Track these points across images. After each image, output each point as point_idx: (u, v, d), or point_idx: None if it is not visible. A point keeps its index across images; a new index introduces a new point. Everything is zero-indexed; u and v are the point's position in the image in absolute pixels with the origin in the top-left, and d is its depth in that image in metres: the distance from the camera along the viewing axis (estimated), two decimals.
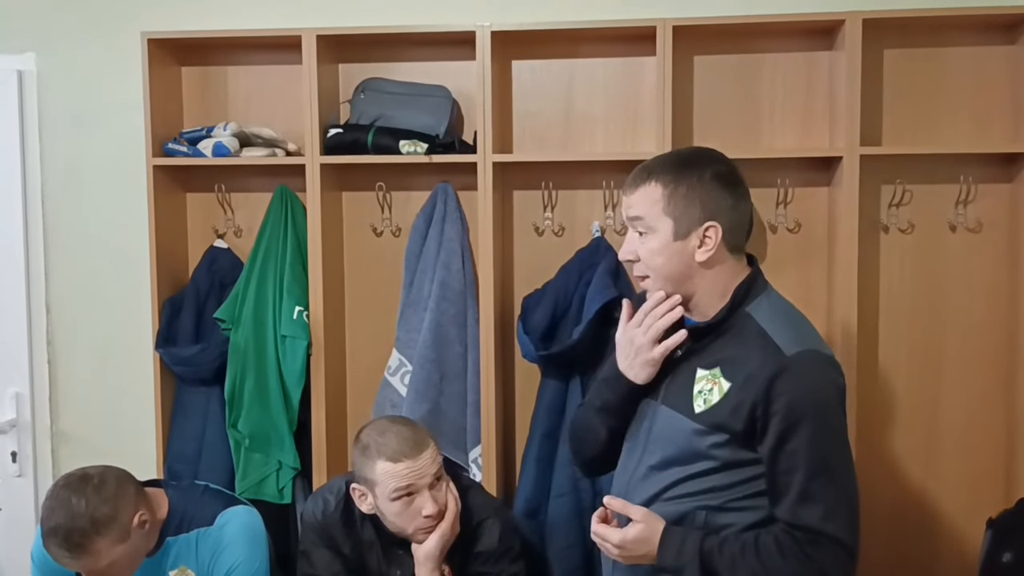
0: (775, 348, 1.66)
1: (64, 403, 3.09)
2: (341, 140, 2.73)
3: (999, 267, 2.72)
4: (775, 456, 1.64)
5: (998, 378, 2.74)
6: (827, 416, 1.65)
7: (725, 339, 1.73)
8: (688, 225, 1.71)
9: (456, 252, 2.78)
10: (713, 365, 1.71)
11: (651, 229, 1.73)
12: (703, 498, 1.70)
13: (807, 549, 1.62)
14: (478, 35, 2.64)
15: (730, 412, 1.66)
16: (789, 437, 1.62)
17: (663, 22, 2.57)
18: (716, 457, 1.68)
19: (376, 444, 2.13)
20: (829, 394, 1.67)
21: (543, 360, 2.65)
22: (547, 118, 2.84)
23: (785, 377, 1.62)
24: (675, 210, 1.71)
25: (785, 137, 2.76)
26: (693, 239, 1.71)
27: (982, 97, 2.70)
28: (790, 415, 1.61)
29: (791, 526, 1.63)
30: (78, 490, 2.01)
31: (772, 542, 1.64)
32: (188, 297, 2.86)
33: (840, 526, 1.62)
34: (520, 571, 2.24)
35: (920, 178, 2.70)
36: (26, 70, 3.01)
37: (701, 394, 1.71)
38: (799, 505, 1.62)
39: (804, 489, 1.62)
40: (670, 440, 1.74)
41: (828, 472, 1.63)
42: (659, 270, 1.74)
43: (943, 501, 2.79)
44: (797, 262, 2.76)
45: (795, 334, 1.69)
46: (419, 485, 2.11)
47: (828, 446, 1.64)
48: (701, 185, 1.71)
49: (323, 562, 2.23)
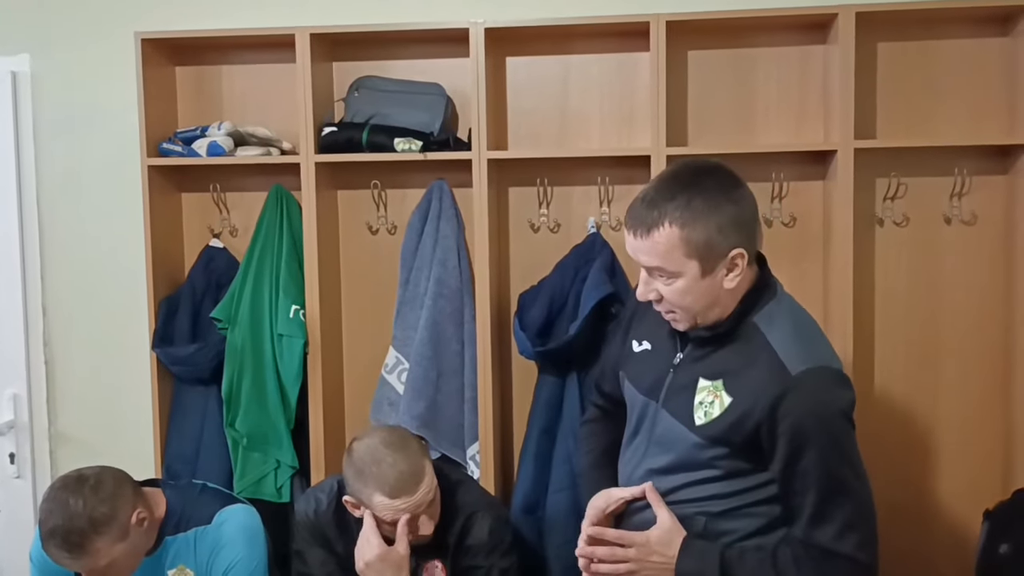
0: (780, 367, 1.61)
1: (62, 404, 3.09)
2: (336, 138, 2.73)
3: (994, 259, 2.73)
4: (786, 477, 1.62)
5: (995, 370, 2.75)
6: (835, 434, 1.62)
7: (729, 349, 1.68)
8: (715, 260, 1.62)
9: (452, 249, 2.78)
10: (716, 376, 1.67)
11: (675, 275, 1.63)
12: (704, 504, 1.70)
13: (823, 567, 1.61)
14: (472, 32, 2.64)
15: (730, 427, 1.63)
16: (799, 457, 1.60)
17: (656, 17, 2.57)
18: (718, 467, 1.67)
19: (373, 475, 2.08)
20: (836, 412, 1.62)
21: (540, 356, 2.65)
22: (542, 115, 2.84)
23: (790, 398, 1.59)
24: (698, 250, 1.60)
25: (779, 131, 2.76)
26: (721, 270, 1.64)
27: (976, 89, 2.70)
28: (796, 436, 1.59)
29: (807, 545, 1.62)
30: (75, 491, 2.02)
31: (790, 557, 1.63)
32: (184, 297, 2.86)
33: (855, 544, 1.61)
34: (511, 565, 2.23)
35: (915, 171, 2.70)
36: (20, 71, 3.01)
37: (702, 405, 1.67)
38: (812, 526, 1.61)
39: (817, 510, 1.60)
40: (671, 447, 1.72)
41: (840, 490, 1.61)
42: (689, 308, 1.67)
43: (940, 493, 2.79)
44: (793, 256, 2.76)
45: (802, 350, 1.64)
46: (416, 513, 2.10)
47: (839, 464, 1.61)
48: (717, 210, 1.60)
49: (317, 561, 2.24)
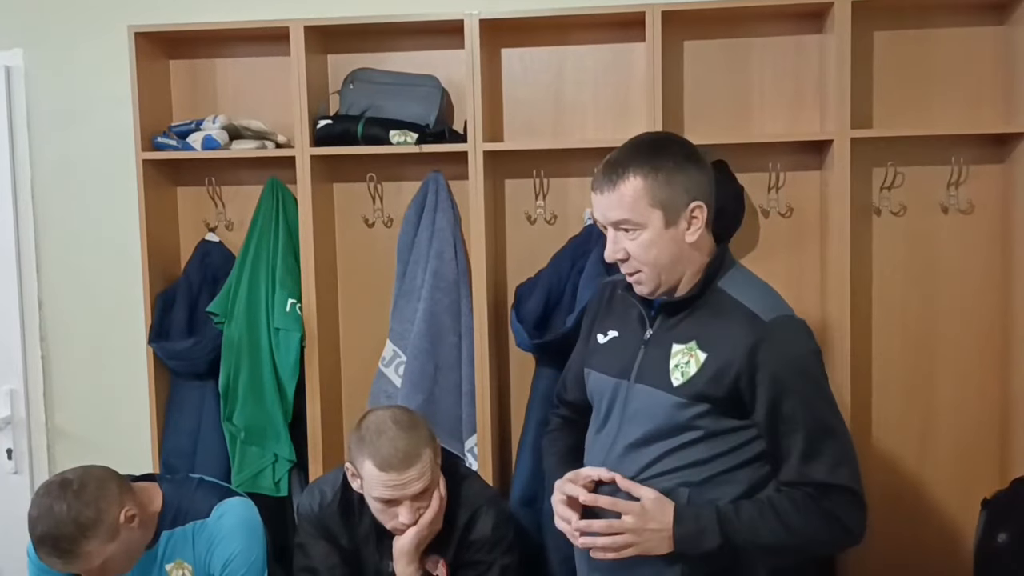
0: (752, 316, 1.69)
1: (58, 399, 3.09)
2: (331, 131, 2.73)
3: (991, 248, 2.72)
4: (772, 423, 1.67)
5: (992, 359, 2.75)
6: (815, 377, 1.70)
7: (698, 315, 1.75)
8: (677, 210, 1.71)
9: (448, 242, 2.78)
10: (688, 339, 1.73)
11: (640, 225, 1.71)
12: (686, 473, 1.71)
13: (821, 502, 1.65)
14: (467, 23, 2.63)
15: (709, 381, 1.68)
16: (781, 401, 1.65)
17: (651, 7, 2.56)
18: (698, 427, 1.70)
19: (371, 443, 2.07)
20: (812, 357, 1.71)
21: (537, 348, 2.65)
22: (537, 106, 2.83)
23: (766, 344, 1.66)
24: (661, 199, 1.70)
25: (776, 121, 2.75)
26: (683, 222, 1.72)
27: (972, 78, 2.69)
28: (778, 380, 1.65)
29: (801, 484, 1.66)
30: (59, 497, 2.00)
31: (787, 500, 1.66)
32: (180, 291, 2.86)
33: (847, 476, 1.66)
34: (513, 562, 2.22)
35: (911, 160, 2.69)
36: (13, 66, 3.00)
37: (678, 367, 1.72)
38: (804, 464, 1.65)
39: (806, 449, 1.65)
40: (649, 416, 1.74)
41: (826, 430, 1.67)
42: (654, 262, 1.73)
43: (938, 482, 2.79)
44: (790, 246, 2.76)
45: (769, 302, 1.74)
46: (401, 497, 2.08)
47: (821, 405, 1.69)
48: (679, 168, 1.71)
49: (320, 554, 2.22)
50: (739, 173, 2.70)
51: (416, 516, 2.10)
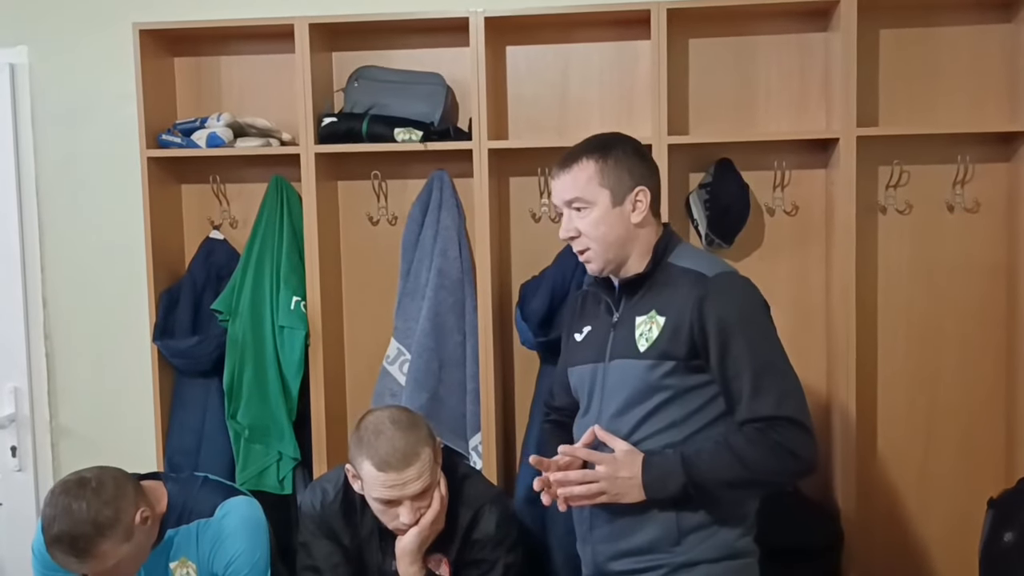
0: (698, 275, 1.85)
1: (63, 397, 3.09)
2: (335, 129, 2.72)
3: (997, 246, 2.72)
4: (722, 366, 1.80)
5: (997, 358, 2.74)
6: (759, 320, 1.84)
7: (655, 288, 1.90)
8: (622, 192, 1.89)
9: (453, 240, 2.77)
10: (648, 310, 1.88)
11: (589, 204, 1.89)
12: (666, 435, 1.84)
13: (770, 434, 1.76)
14: (471, 21, 2.62)
15: (669, 339, 1.82)
16: (729, 346, 1.79)
17: (657, 5, 2.56)
18: (668, 387, 1.83)
19: (369, 443, 2.07)
20: (756, 303, 1.86)
21: (542, 347, 2.65)
22: (542, 104, 2.83)
23: (711, 295, 1.81)
24: (609, 181, 1.88)
25: (781, 120, 2.75)
26: (628, 204, 1.89)
27: (978, 76, 2.69)
28: (724, 328, 1.79)
29: (751, 421, 1.78)
30: (77, 495, 1.99)
31: (741, 436, 1.79)
32: (185, 289, 2.85)
33: (794, 408, 1.78)
34: (516, 561, 2.21)
35: (917, 159, 2.69)
36: (18, 63, 3.00)
37: (643, 335, 1.87)
38: (753, 400, 1.78)
39: (753, 387, 1.78)
40: (624, 384, 1.88)
41: (772, 368, 1.80)
42: (602, 238, 1.89)
43: (943, 482, 2.79)
44: (795, 244, 2.76)
45: (715, 263, 1.91)
46: (401, 497, 2.06)
47: (766, 346, 1.82)
48: (626, 157, 1.90)
49: (323, 553, 2.21)
50: (744, 171, 2.70)
51: (417, 516, 2.10)
